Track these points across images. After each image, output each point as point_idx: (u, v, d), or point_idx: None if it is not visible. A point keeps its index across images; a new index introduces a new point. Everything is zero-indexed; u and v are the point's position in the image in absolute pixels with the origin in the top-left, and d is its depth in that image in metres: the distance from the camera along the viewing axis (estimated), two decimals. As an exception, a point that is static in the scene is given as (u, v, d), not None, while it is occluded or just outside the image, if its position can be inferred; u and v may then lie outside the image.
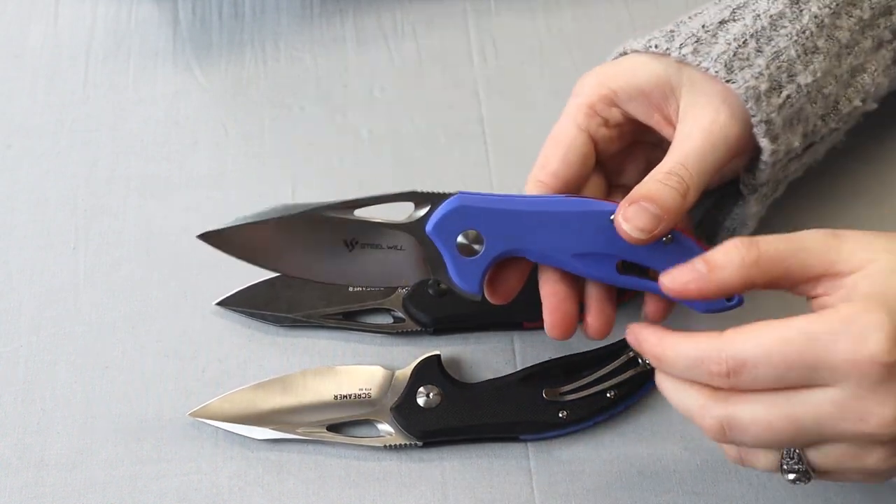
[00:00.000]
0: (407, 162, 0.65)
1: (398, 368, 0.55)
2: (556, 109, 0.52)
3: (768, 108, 0.47)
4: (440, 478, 0.53)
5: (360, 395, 0.54)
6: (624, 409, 0.54)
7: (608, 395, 0.53)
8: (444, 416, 0.53)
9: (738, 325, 0.41)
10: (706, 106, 0.47)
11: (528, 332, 0.57)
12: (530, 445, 0.54)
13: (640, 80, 0.49)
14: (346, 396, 0.54)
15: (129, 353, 0.57)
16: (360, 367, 0.55)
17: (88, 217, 0.63)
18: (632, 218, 0.44)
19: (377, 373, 0.55)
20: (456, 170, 0.64)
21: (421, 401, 0.53)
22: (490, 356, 0.57)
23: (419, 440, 0.53)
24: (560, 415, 0.53)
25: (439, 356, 0.55)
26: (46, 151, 0.66)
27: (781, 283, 0.42)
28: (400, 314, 0.57)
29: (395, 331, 0.57)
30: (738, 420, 0.41)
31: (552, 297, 0.49)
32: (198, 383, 0.56)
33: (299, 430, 0.53)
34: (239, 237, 0.49)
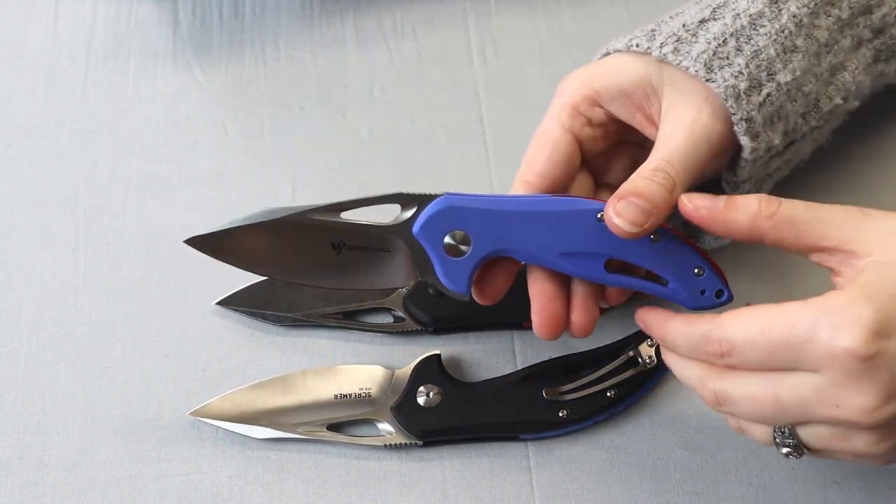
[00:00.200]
0: (407, 162, 0.65)
1: (398, 368, 0.55)
2: (556, 109, 0.52)
3: (748, 106, 0.48)
4: (440, 477, 0.53)
5: (360, 394, 0.54)
6: (624, 408, 0.54)
7: (608, 394, 0.53)
8: (445, 415, 0.53)
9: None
10: (688, 105, 0.48)
11: (528, 332, 0.57)
12: (530, 445, 0.54)
13: (623, 81, 0.50)
14: (346, 396, 0.54)
15: (129, 353, 0.57)
16: (360, 366, 0.55)
17: (88, 217, 0.63)
18: (622, 212, 0.45)
19: (377, 372, 0.55)
20: (456, 170, 0.64)
21: (421, 400, 0.53)
22: (490, 356, 0.57)
23: (419, 439, 0.53)
24: (560, 414, 0.53)
25: (439, 356, 0.55)
26: (46, 151, 0.66)
27: (791, 244, 0.44)
28: (400, 313, 0.57)
29: (395, 330, 0.57)
30: (730, 394, 0.43)
31: (541, 296, 0.49)
32: (198, 383, 0.56)
33: (299, 430, 0.53)
34: (225, 241, 0.49)
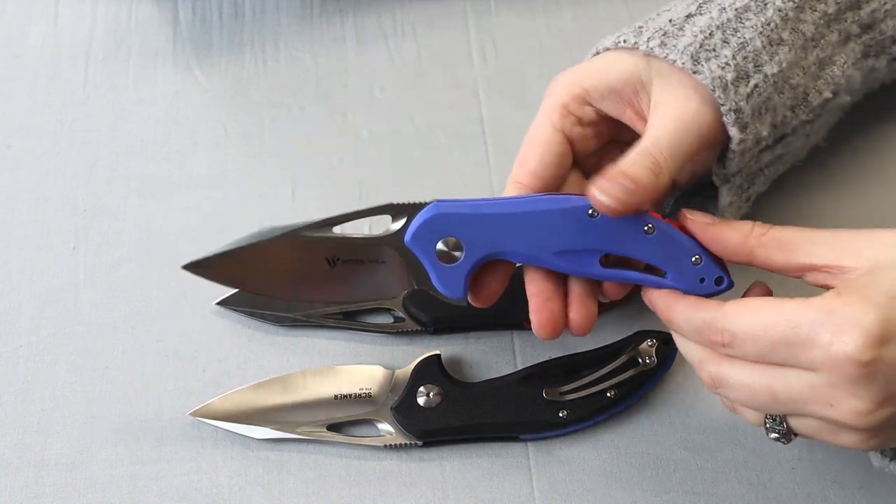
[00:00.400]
0: (407, 162, 0.65)
1: (398, 368, 0.55)
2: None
3: (736, 97, 0.48)
4: (440, 477, 0.53)
5: (360, 394, 0.54)
6: (624, 408, 0.54)
7: (608, 394, 0.53)
8: (444, 415, 0.53)
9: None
10: (677, 96, 0.48)
11: (528, 332, 0.57)
12: (530, 445, 0.54)
13: (611, 78, 0.50)
14: (346, 396, 0.54)
15: (129, 353, 0.57)
16: (360, 366, 0.55)
17: (88, 217, 0.63)
18: (606, 189, 0.45)
19: (377, 372, 0.55)
20: (456, 170, 0.64)
21: (421, 400, 0.53)
22: (490, 356, 0.57)
23: (419, 440, 0.53)
24: (560, 414, 0.53)
25: (439, 356, 0.55)
26: (46, 151, 0.66)
27: (782, 265, 0.44)
28: (400, 314, 0.57)
29: (395, 330, 0.57)
30: (727, 379, 0.44)
31: (538, 296, 0.49)
32: (198, 383, 0.56)
33: (299, 430, 0.53)
34: (221, 265, 0.49)
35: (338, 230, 0.50)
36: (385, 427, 0.53)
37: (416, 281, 0.49)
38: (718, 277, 0.46)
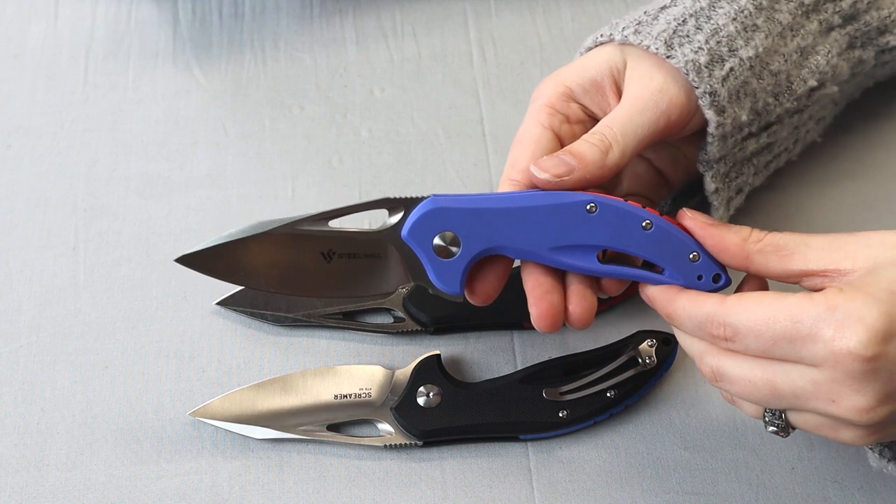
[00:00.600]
0: (407, 162, 0.65)
1: (398, 368, 0.55)
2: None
3: (711, 80, 0.49)
4: (440, 477, 0.53)
5: (360, 394, 0.54)
6: (624, 408, 0.54)
7: (608, 394, 0.53)
8: (444, 415, 0.53)
9: None
10: (642, 77, 0.49)
11: (528, 332, 0.57)
12: (530, 445, 0.54)
13: (591, 72, 0.51)
14: (346, 396, 0.54)
15: (129, 353, 0.57)
16: (360, 366, 0.55)
17: (88, 217, 0.63)
18: (542, 164, 0.47)
19: (377, 373, 0.55)
20: (456, 170, 0.64)
21: (421, 400, 0.53)
22: (490, 356, 0.57)
23: (419, 440, 0.53)
24: (560, 414, 0.53)
25: (439, 356, 0.55)
26: (46, 151, 0.66)
27: (779, 271, 0.45)
28: (400, 314, 0.57)
29: (395, 330, 0.57)
30: (728, 373, 0.44)
31: (536, 288, 0.49)
32: (198, 383, 0.56)
33: (299, 430, 0.53)
34: (216, 258, 0.49)
35: (335, 224, 0.49)
36: (385, 427, 0.53)
37: (413, 276, 0.49)
38: (716, 274, 0.46)
